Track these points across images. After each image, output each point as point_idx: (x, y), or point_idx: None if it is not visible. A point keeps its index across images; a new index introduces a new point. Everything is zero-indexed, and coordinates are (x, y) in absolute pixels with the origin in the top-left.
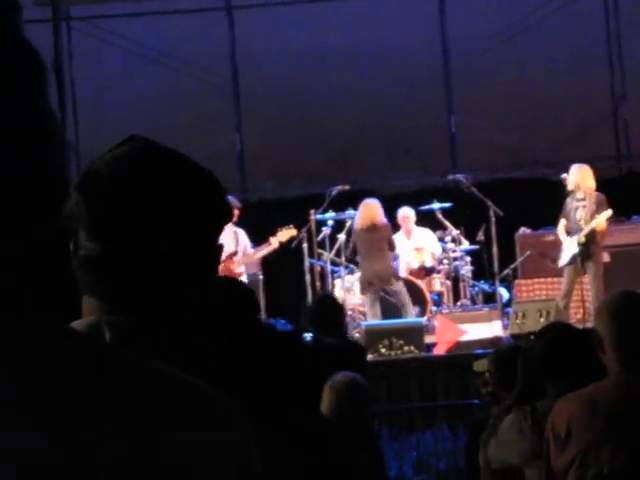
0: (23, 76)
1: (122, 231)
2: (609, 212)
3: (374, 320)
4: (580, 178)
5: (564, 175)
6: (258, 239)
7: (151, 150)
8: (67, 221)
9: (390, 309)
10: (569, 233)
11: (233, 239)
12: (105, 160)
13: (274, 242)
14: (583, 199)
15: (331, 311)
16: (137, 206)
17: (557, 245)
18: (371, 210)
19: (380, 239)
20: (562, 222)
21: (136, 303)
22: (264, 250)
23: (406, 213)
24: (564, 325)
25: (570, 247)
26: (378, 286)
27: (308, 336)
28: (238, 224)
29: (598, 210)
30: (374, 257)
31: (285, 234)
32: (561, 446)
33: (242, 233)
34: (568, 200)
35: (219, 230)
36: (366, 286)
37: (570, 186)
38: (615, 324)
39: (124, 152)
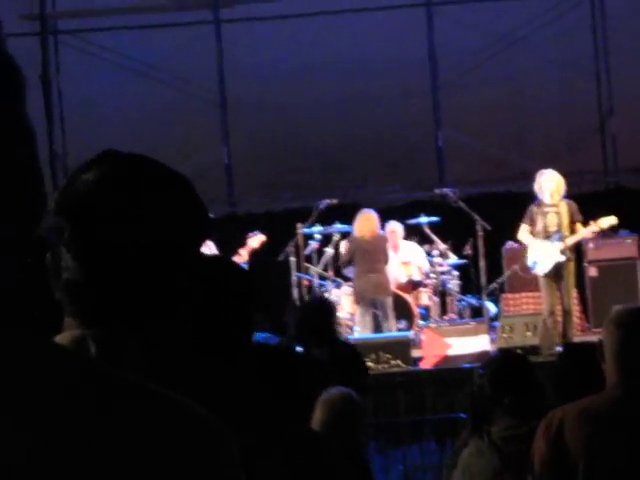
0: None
1: (106, 254)
2: (614, 219)
3: (364, 331)
4: (552, 184)
5: (542, 174)
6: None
7: (131, 167)
8: (46, 238)
9: (375, 321)
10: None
11: (209, 250)
12: (84, 179)
13: (250, 244)
14: (554, 205)
15: (319, 321)
16: (121, 227)
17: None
18: (372, 221)
19: (379, 250)
20: (525, 228)
21: (119, 328)
22: (241, 261)
23: (393, 227)
24: (508, 355)
25: (551, 254)
26: (372, 296)
27: (297, 348)
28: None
29: (575, 216)
30: (372, 267)
31: (256, 240)
32: (553, 449)
33: (212, 244)
34: (535, 207)
35: (201, 244)
36: (360, 296)
37: (541, 193)
38: (619, 336)
39: (104, 170)
